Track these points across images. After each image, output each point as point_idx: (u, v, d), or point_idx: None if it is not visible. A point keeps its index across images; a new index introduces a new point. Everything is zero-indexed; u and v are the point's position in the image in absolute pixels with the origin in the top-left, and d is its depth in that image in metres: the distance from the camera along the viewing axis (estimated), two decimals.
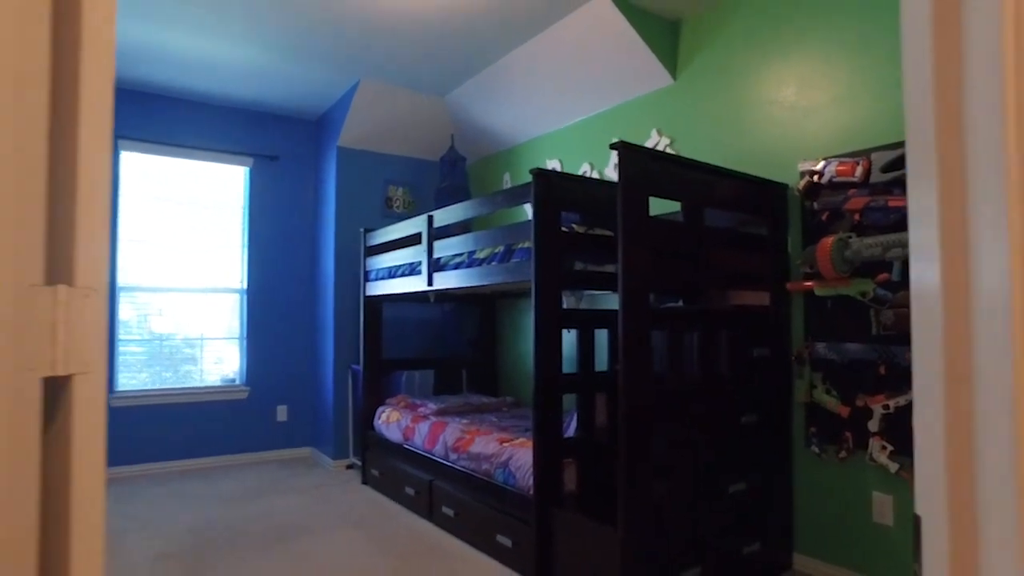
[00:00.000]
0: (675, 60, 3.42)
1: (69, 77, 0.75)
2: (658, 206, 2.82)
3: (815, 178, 2.70)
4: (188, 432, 4.70)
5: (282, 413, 5.08)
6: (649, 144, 3.53)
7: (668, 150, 3.41)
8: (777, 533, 2.74)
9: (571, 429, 2.90)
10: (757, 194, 2.76)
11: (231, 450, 4.86)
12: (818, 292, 2.55)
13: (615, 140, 2.22)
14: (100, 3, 0.76)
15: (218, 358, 4.93)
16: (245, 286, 4.97)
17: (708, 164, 2.59)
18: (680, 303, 3.02)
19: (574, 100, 3.95)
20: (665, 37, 3.39)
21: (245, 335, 4.97)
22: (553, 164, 4.27)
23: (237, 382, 4.96)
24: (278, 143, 5.13)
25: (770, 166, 2.90)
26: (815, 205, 2.71)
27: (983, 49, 0.58)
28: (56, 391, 0.70)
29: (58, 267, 0.71)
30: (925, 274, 0.66)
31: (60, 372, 0.69)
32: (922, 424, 0.69)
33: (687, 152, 3.31)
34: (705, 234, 2.59)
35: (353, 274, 4.76)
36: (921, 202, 0.66)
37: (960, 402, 0.64)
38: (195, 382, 4.82)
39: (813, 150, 2.73)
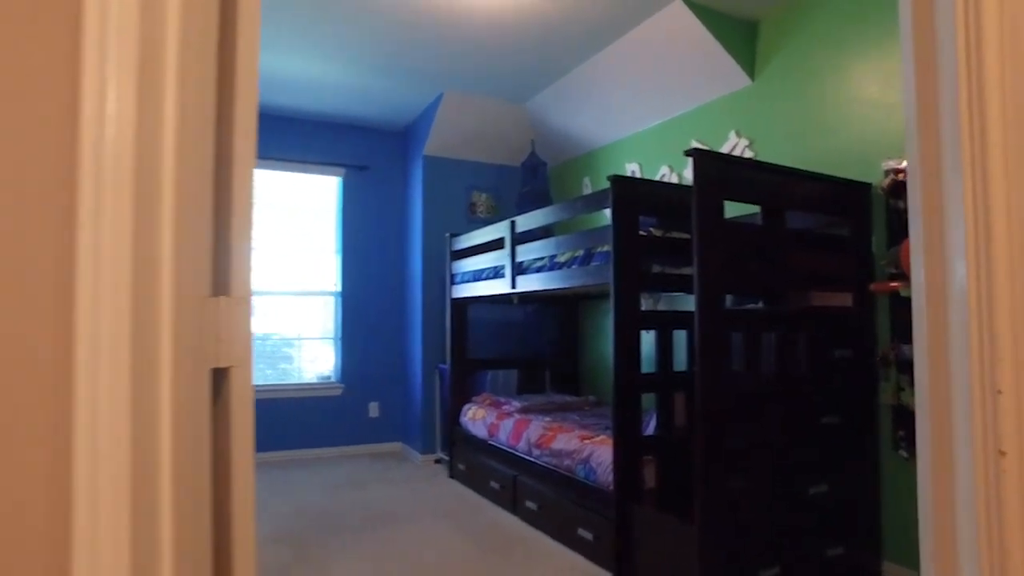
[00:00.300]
0: (753, 61, 3.41)
1: (226, 108, 0.92)
2: (740, 208, 2.85)
3: (900, 176, 2.64)
4: (289, 425, 5.07)
5: (374, 409, 5.38)
6: (728, 146, 3.53)
7: (747, 151, 3.41)
8: (863, 538, 2.70)
9: (651, 427, 2.96)
10: (839, 194, 2.73)
11: (327, 443, 5.20)
12: (903, 293, 2.51)
13: (693, 142, 2.29)
14: (250, 38, 0.93)
15: (314, 357, 5.30)
16: (339, 289, 5.31)
17: (786, 166, 2.60)
18: (760, 304, 3.03)
19: (652, 104, 4.00)
20: (742, 38, 3.39)
21: (340, 335, 5.30)
22: (632, 168, 4.33)
23: (332, 379, 5.30)
24: (368, 154, 5.44)
25: (853, 165, 2.86)
26: (900, 204, 2.66)
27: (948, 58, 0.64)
28: (219, 379, 0.88)
29: (220, 281, 0.89)
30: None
31: (222, 364, 0.87)
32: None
33: (767, 153, 3.29)
34: (784, 236, 2.60)
35: (439, 277, 4.99)
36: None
37: None
38: (293, 379, 5.20)
39: (898, 148, 2.68)
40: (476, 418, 4.24)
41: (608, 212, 2.79)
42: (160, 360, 0.79)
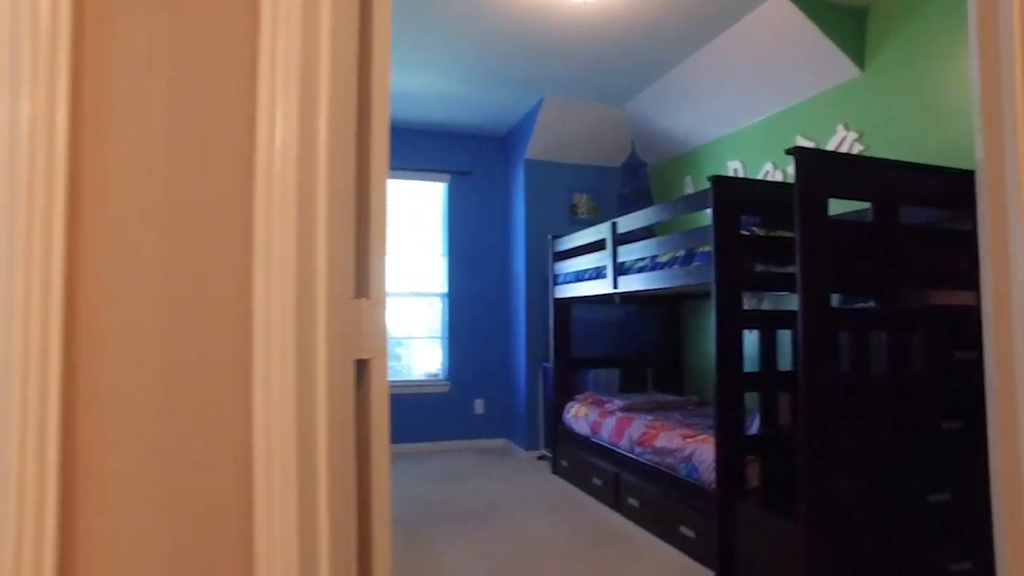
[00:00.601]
0: (862, 50, 3.28)
1: (364, 129, 1.08)
2: (851, 203, 2.77)
3: None
4: (399, 420, 5.38)
5: (479, 406, 5.60)
6: (835, 139, 3.42)
7: (856, 145, 3.28)
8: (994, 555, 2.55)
9: (754, 427, 2.94)
10: (959, 188, 2.59)
11: (435, 438, 5.47)
12: None
13: (799, 138, 2.27)
14: (382, 69, 1.09)
15: (421, 355, 5.59)
16: (446, 290, 5.57)
17: (896, 160, 2.51)
18: (871, 303, 2.92)
19: (755, 100, 3.93)
20: (850, 27, 3.27)
21: (446, 335, 5.56)
22: (735, 166, 4.26)
23: (440, 377, 5.57)
24: (472, 159, 5.67)
25: (973, 155, 2.70)
26: None
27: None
28: (361, 369, 1.04)
29: (361, 284, 1.04)
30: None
31: (365, 356, 1.02)
32: None
33: (877, 145, 3.16)
34: (897, 232, 2.51)
35: (542, 278, 5.12)
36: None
37: None
38: (403, 376, 5.51)
39: None
40: (579, 416, 4.33)
41: (710, 212, 2.81)
42: (317, 351, 0.95)
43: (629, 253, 3.64)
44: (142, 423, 0.92)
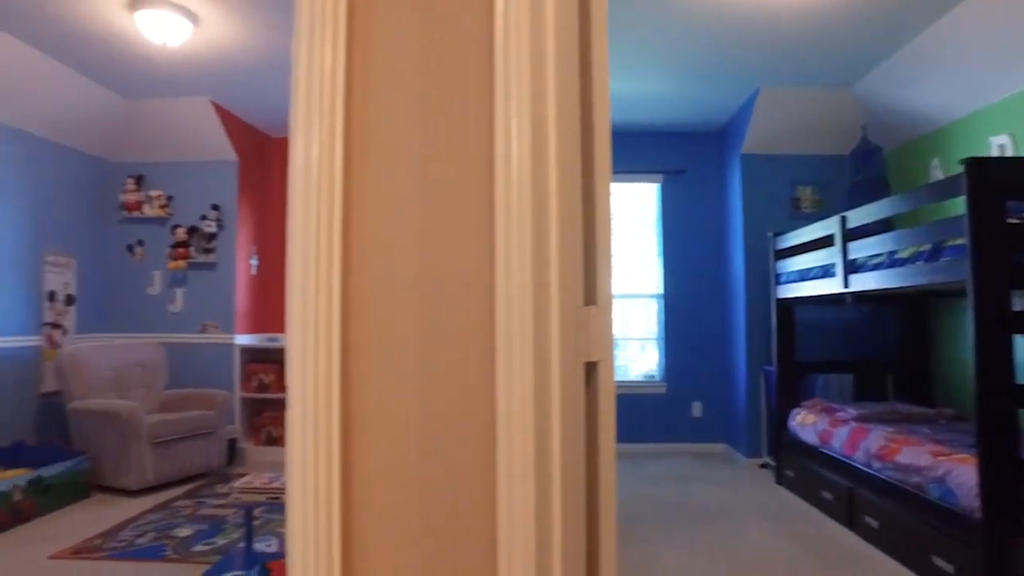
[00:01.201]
0: None
1: (586, 133, 1.18)
2: None
3: None
4: (616, 419, 5.47)
5: (697, 409, 5.48)
6: None
7: None
8: None
9: None
10: None
11: (651, 439, 5.47)
12: None
13: None
14: (602, 80, 1.18)
15: (637, 356, 5.62)
16: (662, 291, 5.55)
17: None
18: None
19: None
20: None
21: (662, 336, 5.53)
22: (1000, 141, 3.67)
23: (656, 378, 5.56)
24: (685, 158, 5.58)
25: None
26: None
27: None
28: (589, 370, 1.14)
29: (589, 292, 1.15)
30: None
31: (593, 359, 1.12)
32: None
33: None
34: None
35: (762, 277, 4.87)
36: None
37: None
38: (619, 376, 5.58)
39: None
40: (805, 423, 4.05)
41: (963, 200, 2.48)
42: (551, 354, 1.07)
43: (862, 249, 3.33)
44: (406, 416, 1.11)
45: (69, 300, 4.72)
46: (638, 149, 5.59)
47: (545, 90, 1.06)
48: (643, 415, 5.48)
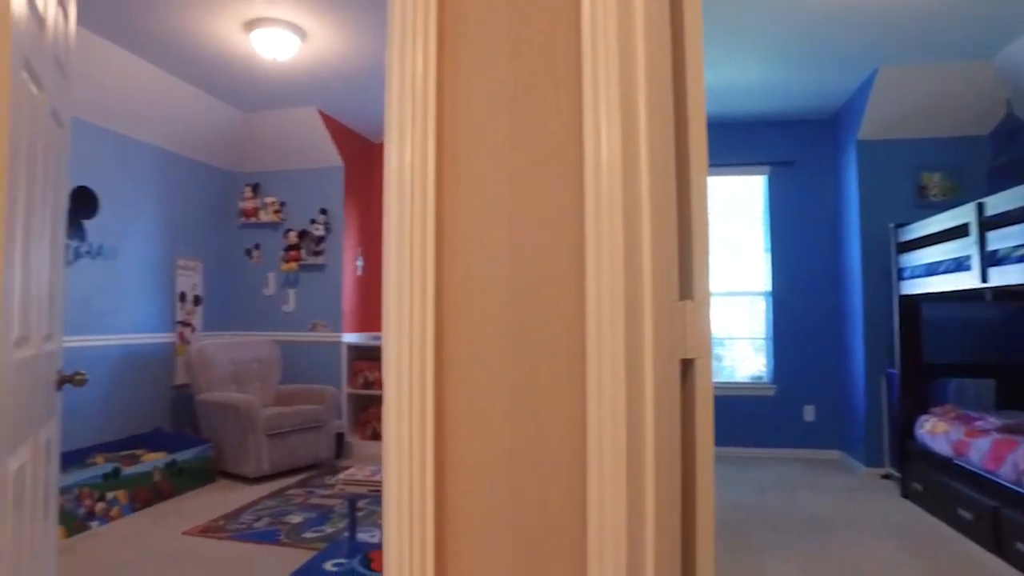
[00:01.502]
0: None
1: (680, 125, 1.12)
2: None
3: None
4: (720, 422, 5.24)
5: (809, 413, 5.15)
6: None
7: None
8: None
9: None
10: None
11: (758, 443, 5.19)
12: None
13: None
14: (696, 60, 1.11)
15: (743, 356, 5.35)
16: (769, 288, 5.25)
17: None
18: None
19: None
20: None
21: (771, 335, 5.24)
22: None
23: (764, 380, 5.27)
24: (793, 148, 5.26)
25: None
26: None
27: None
28: (686, 368, 1.07)
29: (685, 286, 1.08)
30: None
31: (689, 356, 1.06)
32: None
33: None
34: None
35: (882, 272, 4.50)
36: None
37: None
38: (724, 377, 5.34)
39: None
40: (936, 432, 3.69)
41: None
42: (644, 351, 1.01)
43: (1005, 239, 2.98)
44: (496, 415, 1.09)
45: (197, 300, 5.12)
46: (743, 141, 5.32)
47: (635, 82, 1.01)
48: (750, 418, 5.21)
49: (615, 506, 1.00)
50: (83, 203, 4.04)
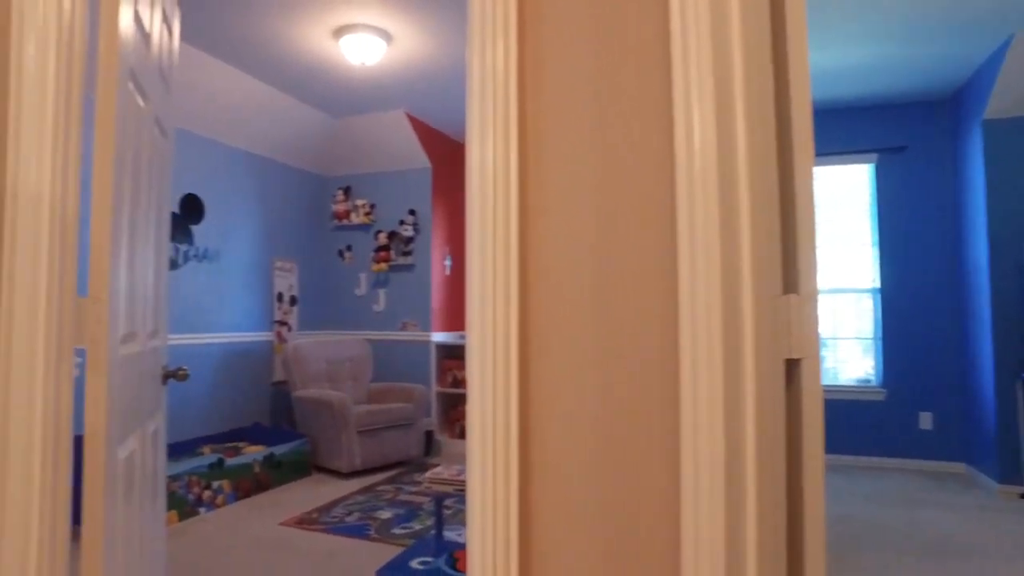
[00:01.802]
0: None
1: (782, 111, 1.01)
2: None
3: None
4: (825, 427, 4.90)
5: (925, 420, 4.73)
6: None
7: None
8: None
9: None
10: None
11: (867, 451, 4.82)
12: None
13: None
14: (800, 39, 1.00)
15: (848, 357, 4.99)
16: (878, 285, 4.87)
17: None
18: None
19: None
20: None
21: (880, 335, 4.86)
22: None
23: (873, 383, 4.89)
24: (904, 132, 4.85)
25: None
26: None
27: None
28: (791, 369, 0.96)
29: (789, 280, 0.97)
30: None
31: (794, 356, 0.95)
32: None
33: None
34: None
35: (1015, 267, 4.06)
36: None
37: None
38: (827, 380, 4.99)
39: None
40: None
41: None
42: (744, 349, 0.92)
43: None
44: (583, 417, 1.03)
45: (293, 300, 5.34)
46: (846, 127, 4.96)
47: (730, 69, 0.93)
48: (857, 424, 4.85)
49: (712, 522, 0.92)
50: (191, 209, 4.31)
